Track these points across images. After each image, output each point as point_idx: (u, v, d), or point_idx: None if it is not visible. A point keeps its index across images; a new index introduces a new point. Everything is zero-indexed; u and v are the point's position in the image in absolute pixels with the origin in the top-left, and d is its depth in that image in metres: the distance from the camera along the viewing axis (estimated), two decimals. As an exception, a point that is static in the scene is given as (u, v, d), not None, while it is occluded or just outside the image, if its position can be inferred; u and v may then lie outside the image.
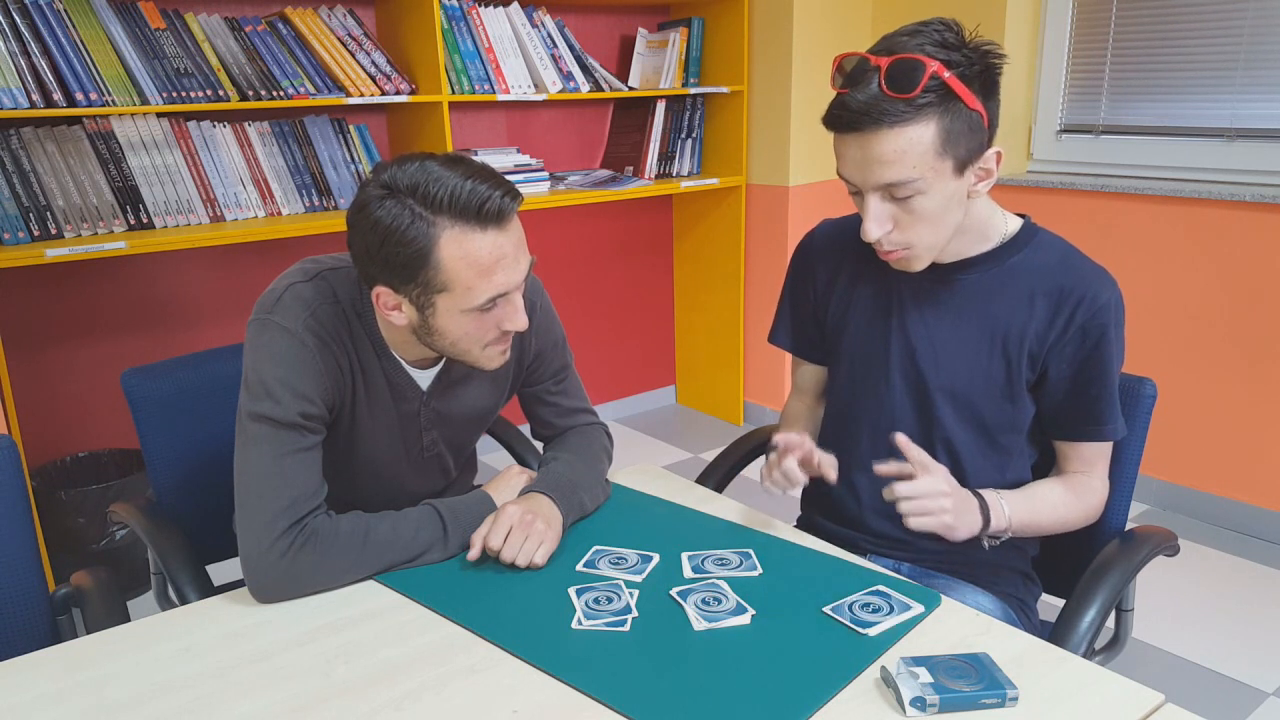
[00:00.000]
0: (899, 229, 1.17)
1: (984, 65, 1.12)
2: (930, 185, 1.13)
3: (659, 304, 3.88)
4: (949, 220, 1.18)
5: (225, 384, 1.54)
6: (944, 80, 1.08)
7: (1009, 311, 1.25)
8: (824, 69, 3.31)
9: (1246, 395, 2.73)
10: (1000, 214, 1.27)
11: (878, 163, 1.11)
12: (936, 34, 1.10)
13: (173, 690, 0.98)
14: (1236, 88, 2.68)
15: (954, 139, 1.11)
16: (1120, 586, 1.23)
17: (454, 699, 0.95)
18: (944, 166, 1.12)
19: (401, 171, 1.10)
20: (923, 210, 1.15)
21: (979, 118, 1.12)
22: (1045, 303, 1.24)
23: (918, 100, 1.08)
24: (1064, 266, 1.25)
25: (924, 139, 1.10)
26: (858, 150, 1.13)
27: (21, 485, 1.28)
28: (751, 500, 1.41)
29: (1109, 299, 1.23)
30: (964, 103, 1.10)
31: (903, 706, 0.91)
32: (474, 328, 1.16)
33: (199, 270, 2.77)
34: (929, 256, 1.21)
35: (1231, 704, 2.05)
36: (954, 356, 1.28)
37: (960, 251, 1.26)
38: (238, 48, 2.54)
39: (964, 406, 1.28)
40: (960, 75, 1.09)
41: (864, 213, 1.17)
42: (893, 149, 1.10)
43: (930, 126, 1.09)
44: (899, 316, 1.31)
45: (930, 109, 1.09)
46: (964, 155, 1.13)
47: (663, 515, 1.34)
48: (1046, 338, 1.24)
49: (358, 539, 1.17)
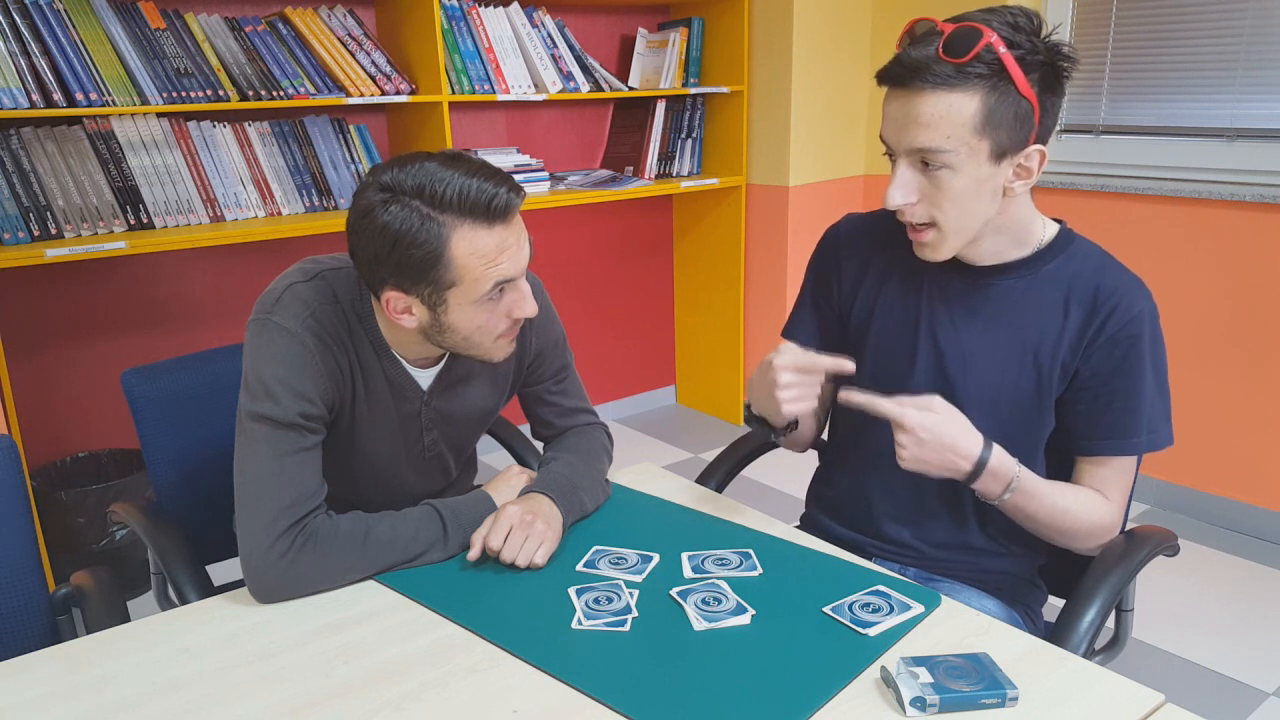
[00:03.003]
0: (924, 202, 1.15)
1: (1049, 59, 1.10)
2: (962, 162, 1.11)
3: (659, 304, 3.88)
4: (977, 209, 1.15)
5: (225, 384, 1.54)
6: (998, 55, 1.07)
7: (1043, 321, 1.22)
8: (824, 69, 3.32)
9: (1247, 395, 2.73)
10: (1040, 219, 1.24)
11: (915, 124, 1.10)
12: (1011, 16, 1.10)
13: (173, 690, 0.98)
14: (1236, 88, 2.68)
15: (996, 121, 1.09)
16: (1120, 586, 1.23)
17: (454, 699, 0.95)
18: (980, 146, 1.10)
19: (403, 173, 1.10)
20: (950, 187, 1.12)
21: (1029, 107, 1.10)
22: (1079, 311, 1.20)
23: (967, 68, 1.07)
24: (1099, 275, 1.21)
25: (965, 110, 1.08)
26: (899, 108, 1.12)
27: (21, 485, 1.28)
28: (751, 500, 1.41)
29: (1142, 309, 1.19)
30: (1015, 86, 1.08)
31: (903, 706, 0.91)
32: (486, 319, 1.17)
33: (199, 270, 2.77)
34: (953, 244, 1.18)
35: (1231, 704, 2.05)
36: (984, 365, 1.24)
37: (998, 254, 1.22)
38: (238, 48, 2.54)
39: (989, 416, 1.23)
40: (1019, 59, 1.08)
41: (892, 177, 1.15)
42: (931, 112, 1.09)
43: (974, 99, 1.08)
44: (928, 320, 1.27)
45: (979, 81, 1.07)
46: (1005, 142, 1.11)
47: (663, 515, 1.34)
48: (1079, 347, 1.21)
49: (358, 539, 1.17)
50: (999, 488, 1.19)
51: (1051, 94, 1.12)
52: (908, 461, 1.15)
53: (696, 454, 3.46)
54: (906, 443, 1.14)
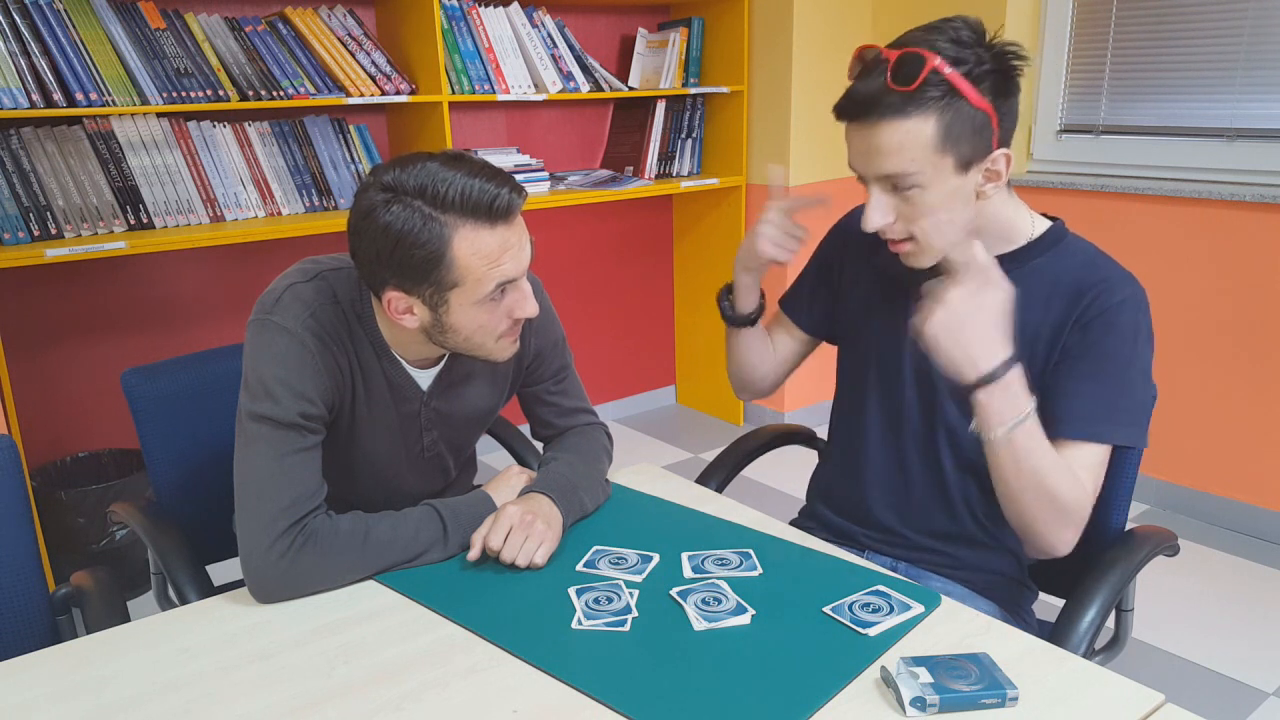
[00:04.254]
0: (902, 220, 1.18)
1: (999, 65, 1.12)
2: (930, 180, 1.13)
3: (659, 304, 3.88)
4: (954, 217, 1.17)
5: (225, 384, 1.54)
6: (945, 76, 1.08)
7: (1026, 313, 1.22)
8: (824, 69, 3.32)
9: (1247, 395, 2.73)
10: (1027, 216, 1.25)
11: (877, 153, 1.13)
12: (953, 30, 1.11)
13: (173, 690, 0.98)
14: (1236, 88, 2.68)
15: (955, 136, 1.11)
16: (1120, 586, 1.23)
17: (454, 699, 0.95)
18: (944, 163, 1.12)
19: (404, 173, 1.10)
20: (923, 203, 1.15)
21: (985, 117, 1.12)
22: (1061, 304, 1.21)
23: (917, 94, 1.09)
24: (1085, 269, 1.21)
25: (923, 133, 1.10)
26: (861, 140, 1.15)
27: (21, 485, 1.28)
28: (751, 500, 1.41)
29: (1124, 296, 1.18)
30: (968, 101, 1.10)
31: (903, 706, 0.91)
32: (487, 319, 1.17)
33: (199, 270, 2.77)
34: (935, 252, 1.20)
35: (1231, 704, 2.05)
36: None
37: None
38: (238, 48, 2.54)
39: (970, 406, 1.24)
40: (967, 73, 1.09)
41: (867, 201, 1.18)
42: (891, 141, 1.11)
43: (930, 121, 1.10)
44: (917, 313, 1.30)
45: (931, 104, 1.09)
46: (967, 153, 1.13)
47: (663, 515, 1.34)
48: (1061, 334, 1.21)
49: (358, 539, 1.17)
50: (1007, 414, 1.11)
51: (1005, 97, 1.13)
52: (931, 325, 1.09)
53: (696, 454, 3.46)
54: (939, 311, 1.09)
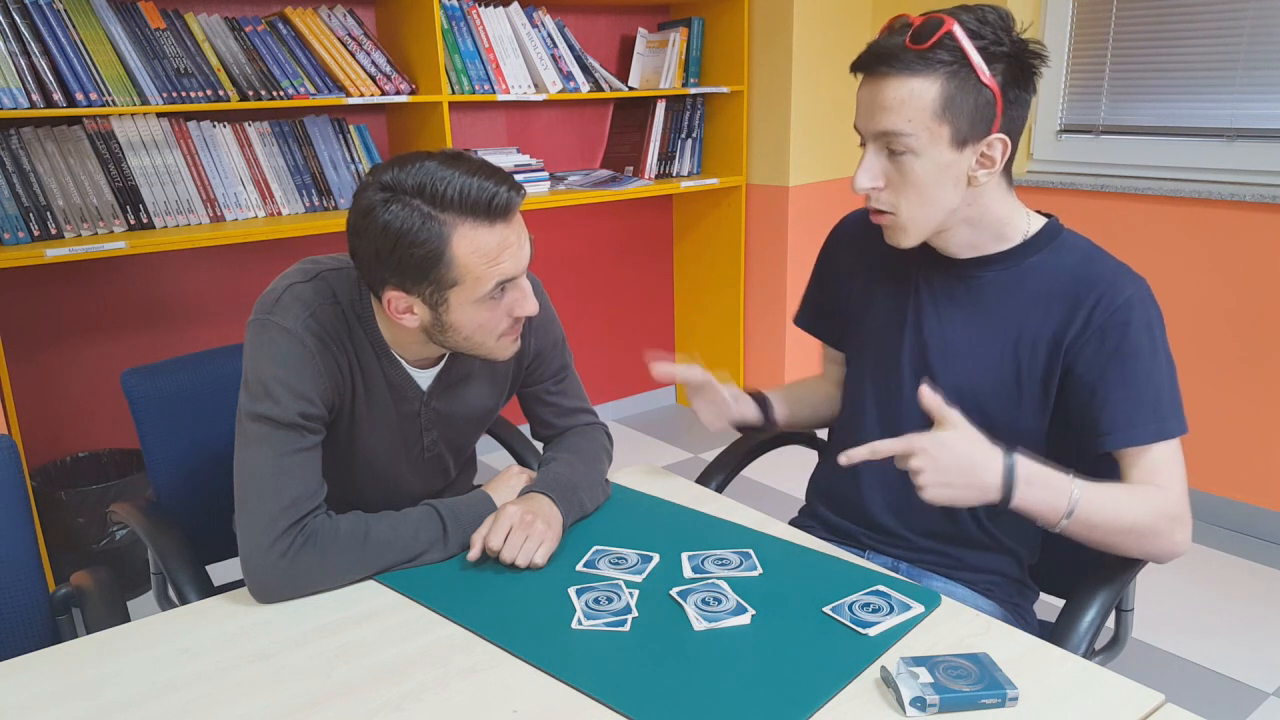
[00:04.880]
0: (889, 188, 1.19)
1: (1015, 53, 1.13)
2: (924, 147, 1.14)
3: (659, 304, 3.88)
4: (939, 196, 1.18)
5: (225, 384, 1.54)
6: (959, 43, 1.10)
7: (1023, 312, 1.23)
8: (824, 69, 3.32)
9: (1247, 395, 2.73)
10: (1023, 214, 1.26)
11: (879, 108, 1.15)
12: (980, 11, 1.13)
13: (173, 690, 0.98)
14: (1236, 88, 2.68)
15: (956, 106, 1.12)
16: (1120, 586, 1.23)
17: (454, 699, 0.95)
18: (941, 132, 1.14)
19: (403, 173, 1.10)
20: (912, 172, 1.16)
21: (990, 96, 1.12)
22: (1062, 304, 1.21)
23: (929, 54, 1.11)
24: (1082, 266, 1.22)
25: (926, 95, 1.12)
26: (867, 94, 1.17)
27: (21, 485, 1.28)
28: (751, 500, 1.41)
29: (1131, 295, 1.19)
30: (976, 74, 1.11)
31: (903, 706, 0.91)
32: (487, 318, 1.17)
33: (199, 270, 2.77)
34: (915, 231, 1.21)
35: (1231, 704, 2.05)
36: (964, 355, 1.27)
37: (977, 247, 1.25)
38: (238, 48, 2.54)
39: (970, 406, 1.23)
40: (982, 49, 1.11)
41: (860, 162, 1.20)
42: (894, 96, 1.13)
43: (935, 84, 1.12)
44: (915, 312, 1.31)
45: (940, 67, 1.11)
46: (965, 129, 1.14)
47: (663, 515, 1.34)
48: (1064, 339, 1.21)
49: (358, 539, 1.17)
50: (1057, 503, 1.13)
51: (1018, 88, 1.15)
52: (929, 488, 1.09)
53: (696, 454, 3.46)
54: (922, 465, 1.09)
